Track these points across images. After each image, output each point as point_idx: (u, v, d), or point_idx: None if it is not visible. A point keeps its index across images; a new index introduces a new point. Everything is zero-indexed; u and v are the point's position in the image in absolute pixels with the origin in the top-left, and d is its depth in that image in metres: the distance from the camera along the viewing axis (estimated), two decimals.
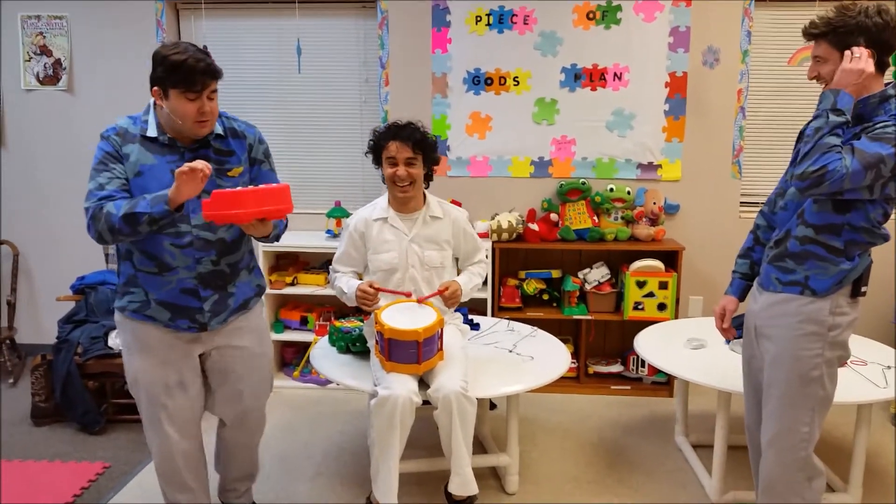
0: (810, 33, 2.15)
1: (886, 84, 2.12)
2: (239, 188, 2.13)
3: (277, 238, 2.48)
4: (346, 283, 2.87)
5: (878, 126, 2.03)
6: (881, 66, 2.10)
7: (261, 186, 2.15)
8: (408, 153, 2.79)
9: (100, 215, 2.14)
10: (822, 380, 2.20)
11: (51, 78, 4.44)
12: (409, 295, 2.79)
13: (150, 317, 2.32)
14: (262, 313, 2.62)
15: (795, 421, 2.22)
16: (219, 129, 2.32)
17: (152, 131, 2.25)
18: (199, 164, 2.06)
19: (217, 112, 2.27)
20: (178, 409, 2.39)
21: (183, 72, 2.11)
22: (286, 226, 2.55)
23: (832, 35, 2.09)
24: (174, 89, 2.15)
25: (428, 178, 2.95)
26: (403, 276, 2.87)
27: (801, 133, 2.34)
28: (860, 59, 2.05)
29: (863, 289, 2.18)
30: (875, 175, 2.00)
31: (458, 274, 3.01)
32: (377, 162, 2.91)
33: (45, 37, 4.40)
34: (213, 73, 2.18)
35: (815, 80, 2.21)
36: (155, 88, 2.19)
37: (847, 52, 2.06)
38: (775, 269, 2.26)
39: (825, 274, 2.16)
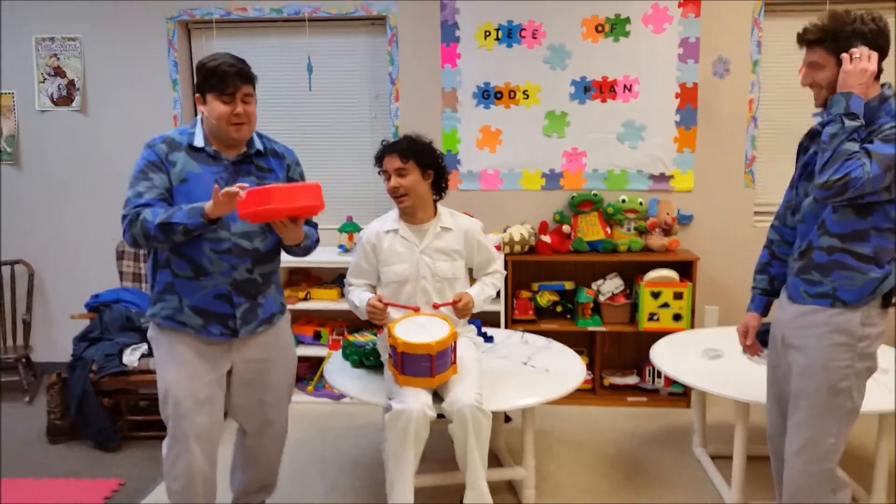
0: (806, 40, 2.16)
1: (882, 85, 2.12)
2: (271, 185, 2.21)
3: (308, 251, 2.56)
4: (358, 297, 2.87)
5: (886, 128, 2.03)
6: (877, 72, 2.11)
7: (293, 183, 2.24)
8: (396, 163, 2.81)
9: (136, 222, 2.24)
10: (851, 391, 2.17)
11: (64, 98, 4.49)
12: (416, 310, 2.78)
13: (183, 323, 2.37)
14: (289, 329, 2.67)
15: (822, 432, 2.19)
16: (259, 147, 2.45)
17: (199, 142, 2.37)
18: (236, 188, 2.15)
19: (254, 116, 2.39)
20: (206, 427, 2.40)
21: (217, 76, 2.28)
22: (317, 241, 2.62)
23: (829, 41, 2.10)
24: (210, 93, 2.31)
25: (439, 189, 2.94)
26: (415, 287, 2.87)
27: (801, 145, 2.34)
28: (862, 59, 2.04)
29: (894, 300, 2.16)
30: (894, 175, 1.99)
31: (472, 284, 3.00)
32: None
33: (59, 58, 4.46)
34: (246, 77, 2.34)
35: (809, 87, 2.20)
36: (196, 95, 2.36)
37: (846, 56, 2.05)
38: (802, 281, 2.24)
39: (853, 284, 2.13)
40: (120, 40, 4.40)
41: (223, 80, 2.27)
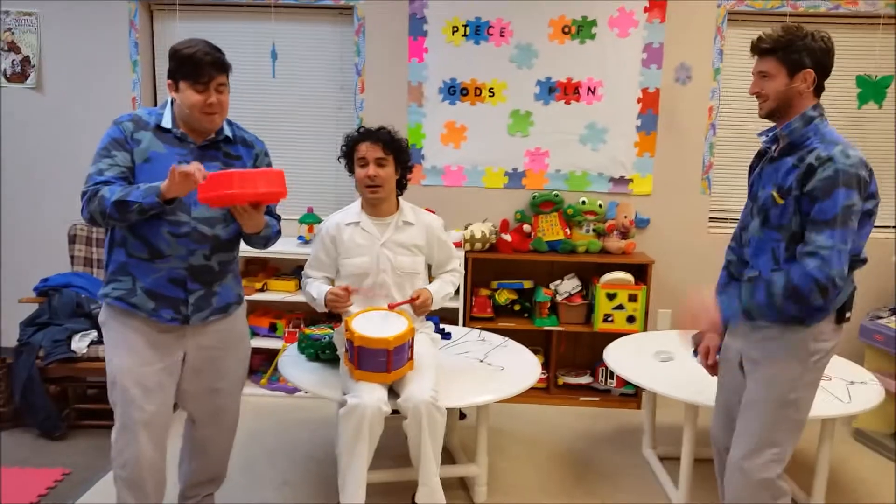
0: (760, 48, 2.21)
1: (815, 107, 2.18)
2: (233, 169, 2.18)
3: (268, 241, 2.52)
4: (316, 290, 2.85)
5: (816, 192, 2.06)
6: (818, 90, 2.19)
7: (255, 169, 2.21)
8: (378, 153, 2.80)
9: (94, 198, 2.20)
10: (798, 403, 2.22)
11: (18, 75, 4.36)
12: (391, 307, 2.74)
13: (134, 305, 2.33)
14: (244, 318, 2.65)
15: (767, 442, 2.23)
16: (228, 133, 2.42)
17: (167, 122, 2.34)
18: (194, 167, 2.11)
19: (226, 106, 2.36)
20: (154, 415, 2.36)
21: (192, 64, 2.24)
22: (279, 232, 2.58)
23: (782, 52, 2.16)
24: (184, 81, 2.27)
25: (401, 185, 2.95)
26: (375, 280, 2.86)
27: (751, 166, 2.40)
28: (702, 306, 2.26)
29: (847, 314, 2.21)
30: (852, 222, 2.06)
31: (431, 281, 3.00)
32: (350, 167, 2.91)
33: (13, 33, 4.32)
34: (221, 67, 2.31)
35: (756, 97, 2.26)
36: (169, 81, 2.31)
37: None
38: None
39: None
40: (79, 18, 4.28)
41: (198, 68, 2.24)
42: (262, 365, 4.29)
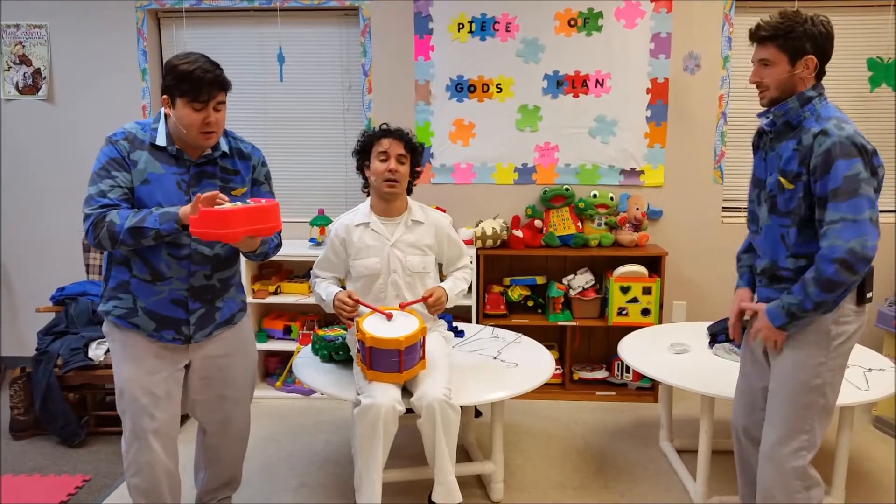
0: (760, 36, 2.18)
1: (813, 87, 2.16)
2: (227, 206, 2.12)
3: (265, 257, 2.50)
4: (324, 290, 2.86)
5: (827, 170, 2.05)
6: (820, 75, 2.17)
7: (249, 205, 2.15)
8: (400, 150, 2.82)
9: (102, 223, 2.16)
10: (824, 389, 2.19)
11: (30, 87, 4.40)
12: (389, 317, 2.70)
13: (136, 325, 2.32)
14: (249, 325, 2.65)
15: (796, 429, 2.21)
16: (225, 148, 2.36)
17: (161, 140, 2.27)
18: (215, 193, 2.09)
19: (223, 124, 2.29)
20: (163, 423, 2.37)
21: (190, 81, 2.16)
22: (278, 246, 2.56)
23: (782, 39, 2.13)
24: (181, 98, 2.19)
25: (410, 186, 2.95)
26: (385, 281, 2.86)
27: (754, 144, 2.37)
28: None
29: (868, 295, 2.18)
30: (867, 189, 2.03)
31: (441, 280, 3.00)
32: (361, 166, 2.90)
33: (24, 46, 4.36)
34: (221, 85, 2.22)
35: (756, 86, 2.23)
36: (164, 97, 2.23)
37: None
38: (776, 291, 2.25)
39: None
40: (88, 28, 4.31)
41: (197, 87, 2.16)
42: (278, 368, 4.31)
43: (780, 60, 2.15)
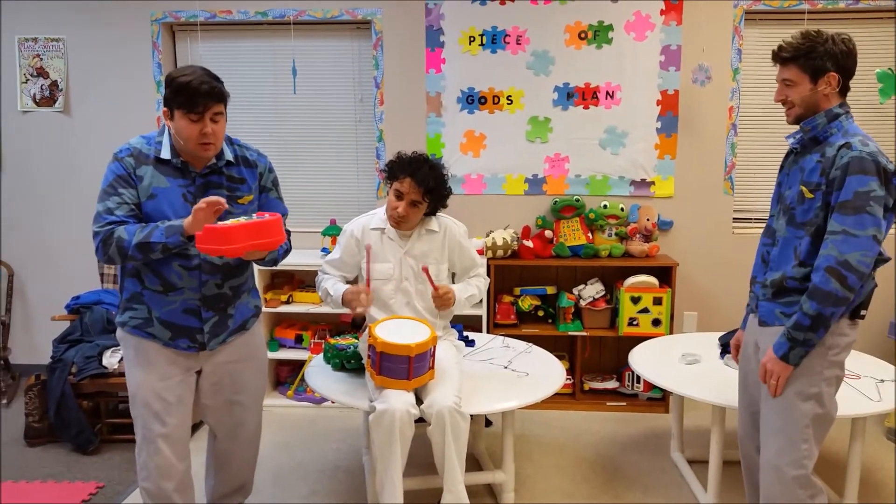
0: (782, 57, 2.23)
1: (841, 104, 2.19)
2: (230, 223, 2.14)
3: (275, 263, 2.54)
4: (332, 286, 2.87)
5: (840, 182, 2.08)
6: (844, 91, 2.20)
7: (251, 220, 2.17)
8: (416, 196, 2.77)
9: (110, 240, 2.19)
10: (821, 397, 2.20)
11: (47, 100, 4.47)
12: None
13: (151, 334, 2.36)
14: (260, 330, 2.67)
15: (795, 438, 2.21)
16: (230, 156, 2.38)
17: (166, 153, 2.29)
18: (215, 199, 2.12)
19: (222, 135, 2.30)
20: (174, 428, 2.39)
21: (187, 93, 2.17)
22: (287, 251, 2.59)
23: (803, 59, 2.17)
24: (178, 110, 2.20)
25: (434, 210, 2.93)
26: (396, 287, 2.88)
27: (782, 166, 2.39)
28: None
29: (862, 312, 2.20)
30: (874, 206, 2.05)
31: None
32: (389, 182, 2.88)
33: (42, 59, 4.43)
34: (217, 96, 2.22)
35: (781, 104, 2.28)
36: (164, 109, 2.26)
37: None
38: (779, 304, 2.27)
39: None
40: (104, 41, 4.38)
41: (193, 98, 2.17)
42: (289, 376, 4.33)
43: (801, 80, 2.20)
